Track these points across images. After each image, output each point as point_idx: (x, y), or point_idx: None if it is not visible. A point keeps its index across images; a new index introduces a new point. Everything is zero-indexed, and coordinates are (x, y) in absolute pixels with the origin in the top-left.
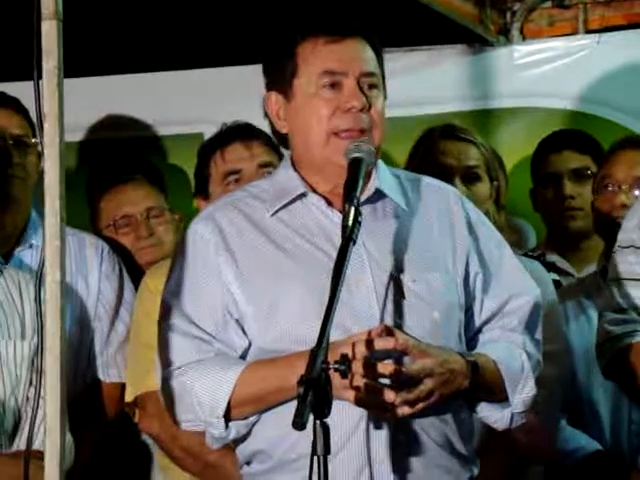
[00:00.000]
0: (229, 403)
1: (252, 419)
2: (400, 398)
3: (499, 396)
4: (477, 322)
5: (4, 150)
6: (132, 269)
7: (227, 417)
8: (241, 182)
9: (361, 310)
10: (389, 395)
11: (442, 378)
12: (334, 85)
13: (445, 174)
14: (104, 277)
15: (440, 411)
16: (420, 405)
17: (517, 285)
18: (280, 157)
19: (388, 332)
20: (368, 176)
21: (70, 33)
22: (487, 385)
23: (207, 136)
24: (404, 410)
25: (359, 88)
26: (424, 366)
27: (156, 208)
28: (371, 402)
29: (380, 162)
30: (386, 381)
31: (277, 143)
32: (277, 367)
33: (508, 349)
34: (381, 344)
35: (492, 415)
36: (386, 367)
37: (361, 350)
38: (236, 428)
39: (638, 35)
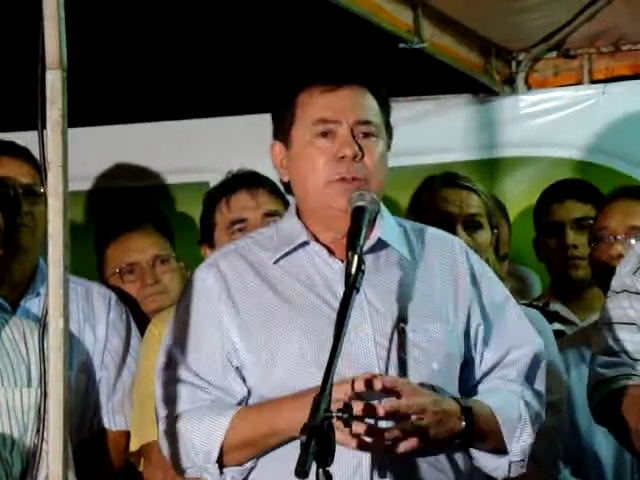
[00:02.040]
0: (222, 448)
1: (248, 465)
2: (393, 433)
3: (496, 444)
4: (477, 374)
5: (14, 199)
6: (138, 317)
7: (221, 463)
8: (246, 231)
9: (359, 359)
10: (393, 432)
11: (435, 417)
12: (327, 133)
13: (447, 222)
14: (111, 326)
15: (439, 461)
16: (414, 440)
17: (518, 337)
18: (286, 205)
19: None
20: (372, 225)
21: (78, 83)
22: (483, 431)
23: (213, 185)
24: (400, 447)
25: (352, 136)
26: (416, 402)
27: (162, 256)
28: (371, 445)
29: (385, 211)
30: (384, 423)
31: (284, 191)
32: (265, 411)
33: (506, 398)
34: (370, 386)
35: (490, 464)
36: (380, 407)
37: (358, 391)
38: (231, 474)
39: None
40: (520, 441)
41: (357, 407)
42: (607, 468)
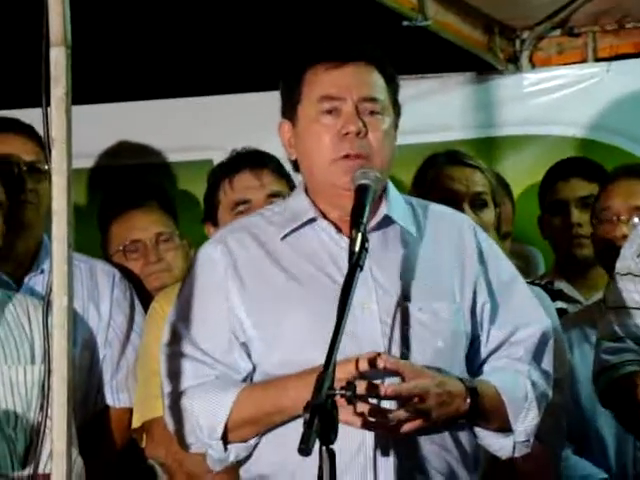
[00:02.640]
0: (226, 425)
1: (252, 442)
2: (396, 416)
3: (502, 424)
4: (484, 352)
5: (18, 176)
6: (141, 294)
7: (226, 439)
8: (250, 212)
9: (365, 337)
10: (396, 414)
11: (439, 399)
12: (332, 111)
13: (453, 200)
14: (115, 303)
15: (444, 440)
16: (418, 422)
17: (525, 315)
18: (291, 186)
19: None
20: (377, 202)
21: (82, 60)
22: (488, 411)
23: (216, 162)
24: (404, 428)
25: (357, 113)
26: (417, 385)
27: (165, 233)
28: (374, 425)
29: (392, 188)
30: (387, 403)
31: (293, 169)
32: (271, 389)
33: (512, 377)
34: (372, 365)
35: (495, 443)
36: (382, 388)
37: (362, 369)
38: (235, 450)
39: None
40: (526, 421)
41: (360, 386)
42: (610, 446)
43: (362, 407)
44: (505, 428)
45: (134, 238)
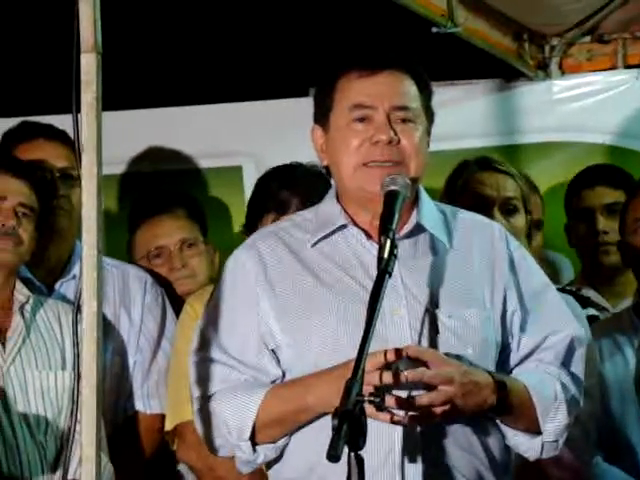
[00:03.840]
0: (254, 426)
1: (280, 443)
2: (421, 400)
3: (530, 423)
4: (514, 359)
5: (50, 182)
6: (170, 299)
7: (254, 440)
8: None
9: (394, 343)
10: (421, 399)
11: (464, 388)
12: (364, 119)
13: (484, 205)
14: (147, 309)
15: (472, 446)
16: (444, 408)
17: (556, 322)
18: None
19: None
20: (408, 208)
21: (113, 66)
22: (516, 407)
23: (245, 169)
24: (430, 413)
25: (388, 122)
26: (441, 372)
27: (190, 239)
28: (403, 418)
29: (425, 196)
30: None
31: (326, 174)
32: (296, 387)
33: (541, 377)
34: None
35: (523, 443)
36: (403, 375)
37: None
38: (264, 452)
39: None
40: (555, 421)
41: (387, 377)
42: None
43: (390, 401)
44: (533, 428)
45: (158, 244)
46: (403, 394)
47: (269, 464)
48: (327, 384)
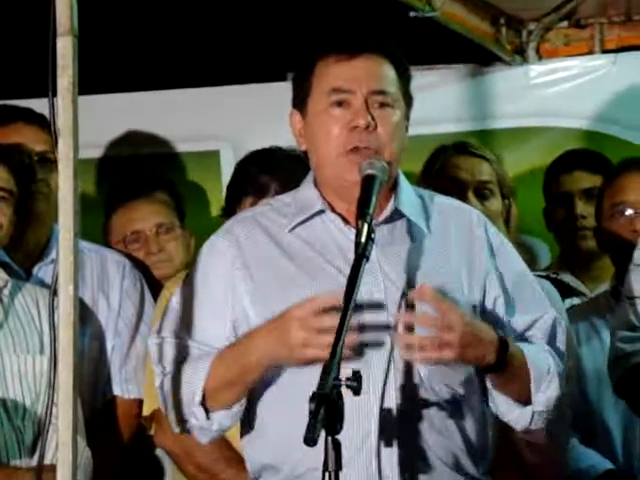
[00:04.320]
0: (205, 391)
1: (236, 409)
2: (421, 341)
3: (521, 390)
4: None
5: (28, 166)
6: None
7: (207, 406)
8: None
9: (370, 326)
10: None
11: (464, 339)
12: (342, 103)
13: (458, 188)
14: (125, 293)
15: (449, 430)
16: (442, 352)
17: (539, 306)
18: None
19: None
20: (386, 194)
21: (90, 50)
22: (514, 370)
23: (223, 154)
24: (426, 354)
25: (366, 106)
26: (440, 318)
27: (166, 224)
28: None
29: (404, 181)
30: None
31: (305, 159)
32: (237, 348)
33: (537, 349)
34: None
35: (512, 411)
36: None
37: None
38: (219, 418)
39: None
40: (547, 392)
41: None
42: (616, 437)
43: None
44: (524, 396)
45: (134, 229)
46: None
47: (246, 447)
48: (265, 336)
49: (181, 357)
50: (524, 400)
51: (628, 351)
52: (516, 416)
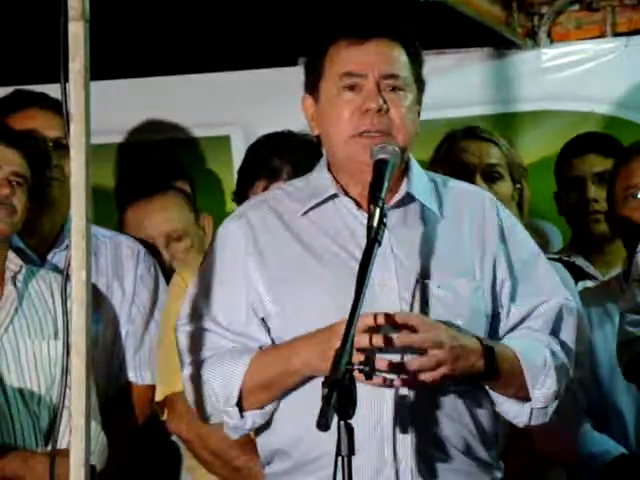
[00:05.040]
0: (241, 391)
1: (268, 409)
2: (412, 364)
3: (519, 389)
4: (504, 328)
5: (43, 152)
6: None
7: (242, 406)
8: None
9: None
10: (412, 363)
11: (453, 352)
12: (354, 87)
13: (466, 172)
14: (139, 280)
15: (462, 417)
16: (435, 373)
17: (545, 291)
18: None
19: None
20: (398, 178)
21: (101, 35)
22: (505, 373)
23: (234, 139)
24: (421, 377)
25: (378, 89)
26: (431, 336)
27: (177, 231)
28: (393, 381)
29: (415, 165)
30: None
31: (317, 143)
32: (281, 351)
33: (531, 344)
34: (386, 318)
35: (512, 410)
36: (395, 339)
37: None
38: (252, 418)
39: None
40: (544, 388)
41: (377, 340)
42: (629, 423)
43: (380, 363)
44: (522, 394)
45: (145, 236)
46: (394, 359)
47: (258, 432)
48: (310, 347)
49: (212, 348)
50: (522, 397)
51: (637, 334)
52: (515, 414)
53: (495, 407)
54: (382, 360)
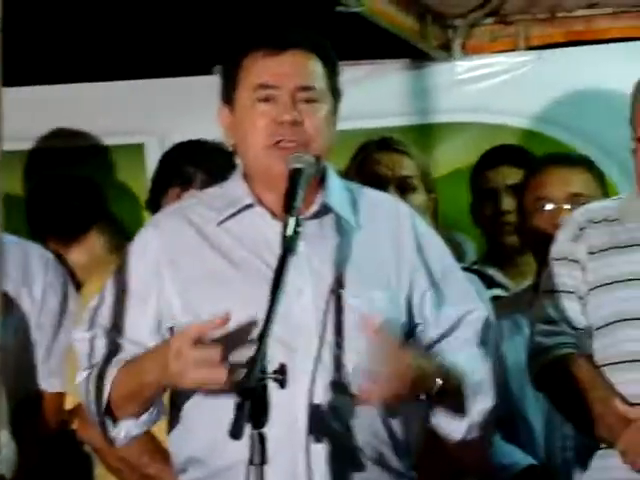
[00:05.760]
0: (109, 402)
1: (144, 418)
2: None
3: (458, 405)
4: (433, 335)
5: None
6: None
7: (114, 416)
8: None
9: (298, 322)
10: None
11: (413, 382)
12: (269, 98)
13: (379, 184)
14: (48, 287)
15: (376, 427)
16: (387, 391)
17: (469, 301)
18: None
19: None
20: (314, 188)
21: (16, 41)
22: (451, 391)
23: (148, 147)
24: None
25: (292, 102)
26: (395, 370)
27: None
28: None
29: (333, 175)
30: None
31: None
32: (134, 365)
33: (468, 358)
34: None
35: (448, 425)
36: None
37: None
38: (126, 427)
39: (579, 52)
40: (483, 402)
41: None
42: (538, 434)
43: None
44: (461, 410)
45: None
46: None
47: (172, 439)
48: (152, 363)
49: (110, 355)
50: (460, 413)
51: (548, 345)
52: (451, 429)
53: (431, 419)
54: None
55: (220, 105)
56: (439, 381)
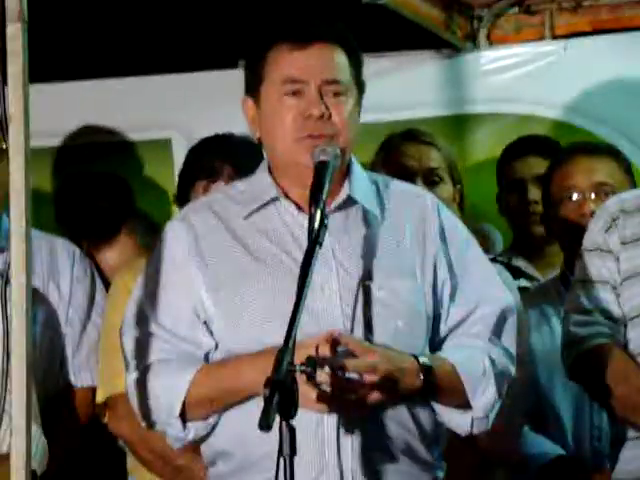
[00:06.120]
0: (184, 404)
1: (212, 420)
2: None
3: (459, 401)
4: (444, 329)
5: None
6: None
7: (184, 417)
8: None
9: (324, 315)
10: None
11: (388, 374)
12: (296, 93)
13: (406, 176)
14: (76, 280)
15: (405, 420)
16: (372, 395)
17: (485, 293)
18: None
19: (334, 339)
20: (339, 181)
21: (41, 36)
22: (444, 388)
23: (175, 142)
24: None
25: (320, 96)
26: (361, 362)
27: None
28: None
29: (357, 167)
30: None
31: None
32: (226, 369)
33: (469, 353)
34: (321, 349)
35: (453, 419)
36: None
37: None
38: (195, 429)
39: (604, 41)
40: (484, 398)
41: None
42: (567, 424)
43: (322, 377)
44: (463, 404)
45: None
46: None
47: (202, 438)
48: (257, 369)
49: (156, 353)
50: (463, 407)
51: (582, 335)
52: (457, 423)
53: (437, 417)
54: (323, 374)
55: (244, 97)
56: (421, 376)
